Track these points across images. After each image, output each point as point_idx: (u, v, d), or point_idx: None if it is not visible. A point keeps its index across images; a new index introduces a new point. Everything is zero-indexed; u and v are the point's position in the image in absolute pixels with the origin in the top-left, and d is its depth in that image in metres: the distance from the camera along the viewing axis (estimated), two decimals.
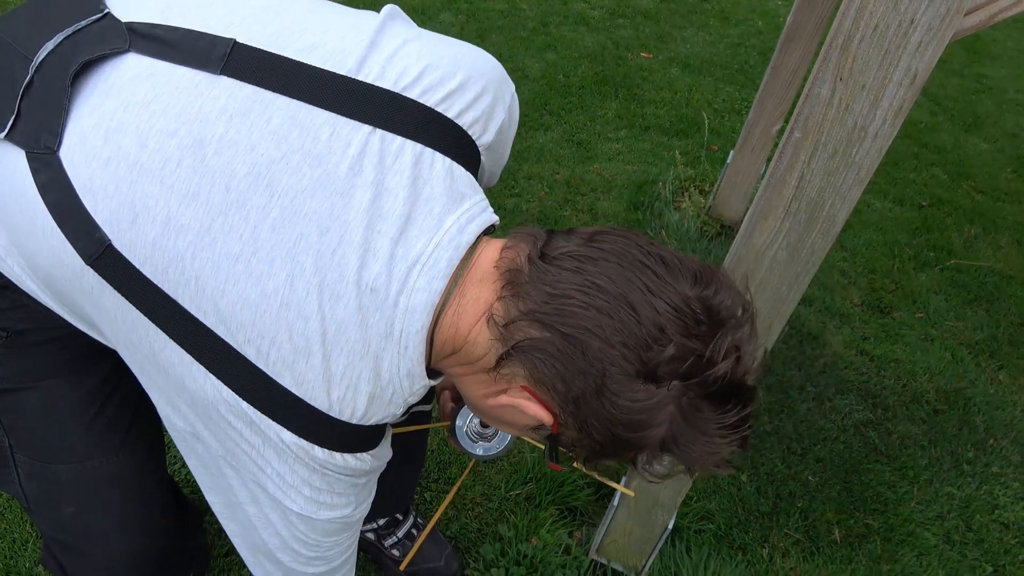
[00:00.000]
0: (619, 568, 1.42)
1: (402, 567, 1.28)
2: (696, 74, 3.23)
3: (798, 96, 2.56)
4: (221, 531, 1.45)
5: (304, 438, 0.61)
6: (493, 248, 0.65)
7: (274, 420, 0.60)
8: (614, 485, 1.01)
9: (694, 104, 3.01)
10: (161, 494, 0.96)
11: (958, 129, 3.25)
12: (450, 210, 0.63)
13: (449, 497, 1.11)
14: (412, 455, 1.28)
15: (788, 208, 0.77)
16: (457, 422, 0.93)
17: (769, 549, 1.54)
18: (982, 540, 1.63)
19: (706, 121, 2.84)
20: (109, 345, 0.71)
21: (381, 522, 1.38)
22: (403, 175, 0.61)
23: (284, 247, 0.58)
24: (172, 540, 1.00)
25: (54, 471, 0.84)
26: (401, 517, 1.39)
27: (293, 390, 0.59)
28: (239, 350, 0.58)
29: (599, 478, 1.04)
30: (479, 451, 0.93)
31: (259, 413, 0.60)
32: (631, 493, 0.91)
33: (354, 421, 0.62)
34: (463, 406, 0.93)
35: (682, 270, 0.59)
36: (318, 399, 0.60)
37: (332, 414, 0.61)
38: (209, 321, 0.58)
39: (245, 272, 0.57)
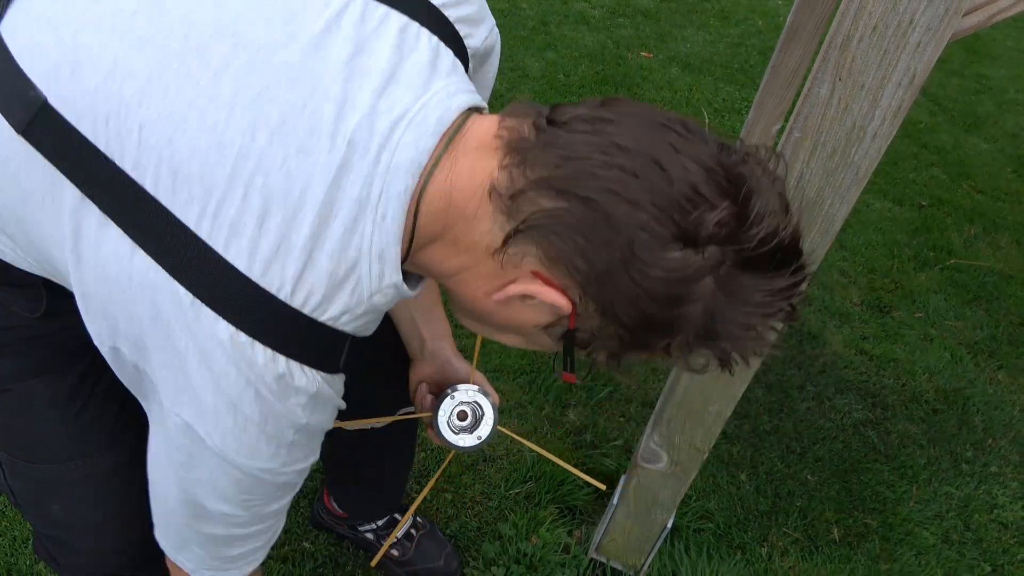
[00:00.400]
0: (618, 567, 1.42)
1: (373, 563, 1.24)
2: (696, 73, 3.23)
3: (798, 96, 2.56)
4: None
5: (243, 330, 0.51)
6: (489, 120, 0.57)
7: (210, 307, 0.51)
8: (585, 478, 0.99)
9: (694, 103, 3.01)
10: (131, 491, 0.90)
11: (958, 129, 3.25)
12: (437, 77, 0.56)
13: (429, 485, 1.09)
14: (399, 451, 1.27)
15: None
16: (438, 415, 0.92)
17: (768, 548, 1.54)
18: (980, 540, 1.63)
19: (706, 120, 2.84)
20: (44, 267, 0.62)
21: (380, 523, 1.39)
22: (387, 40, 0.55)
23: (247, 95, 0.51)
24: None
25: (38, 470, 0.80)
26: (400, 517, 1.40)
27: (239, 265, 0.51)
28: (179, 216, 0.50)
29: (575, 472, 1.00)
30: (461, 443, 0.92)
31: (193, 298, 0.51)
32: (602, 486, 0.92)
33: (307, 310, 0.53)
34: (443, 398, 0.92)
35: (706, 135, 0.53)
36: (270, 277, 0.51)
37: (282, 297, 0.52)
38: (149, 180, 0.50)
39: (199, 118, 0.50)
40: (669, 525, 1.28)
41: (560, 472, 1.56)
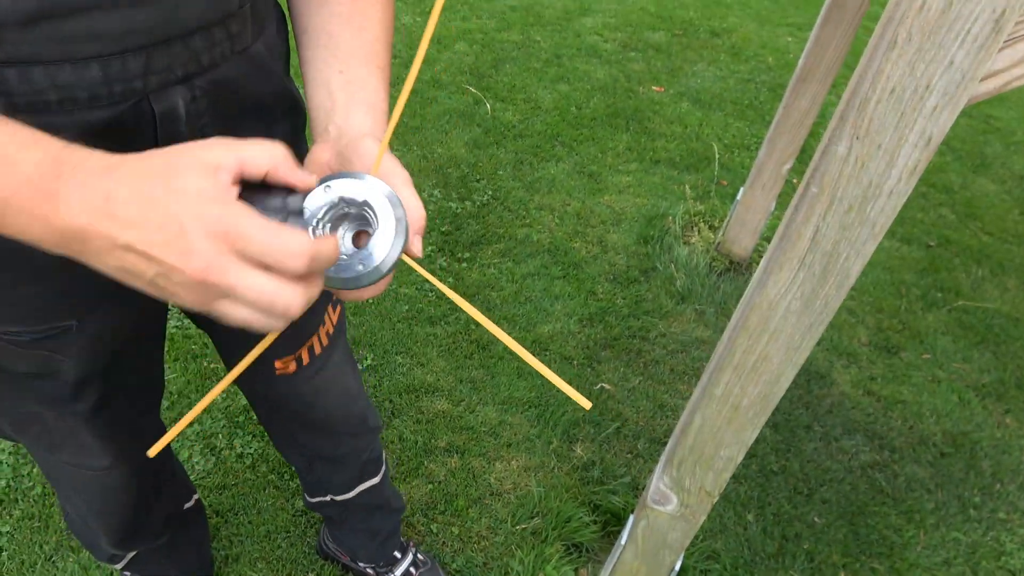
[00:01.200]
0: None
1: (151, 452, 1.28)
2: (706, 109, 3.27)
3: (810, 136, 2.57)
4: (218, 535, 1.45)
5: None
6: None
7: None
8: (570, 392, 0.92)
9: (704, 138, 3.04)
10: (148, 496, 1.04)
11: (966, 170, 3.27)
12: None
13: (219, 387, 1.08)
14: (389, 503, 1.30)
15: (803, 260, 0.78)
16: (296, 215, 0.52)
17: None
18: None
19: (717, 156, 2.86)
20: None
21: (380, 563, 1.39)
22: None
23: None
24: (154, 525, 1.10)
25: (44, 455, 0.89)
26: (400, 555, 1.39)
27: None
28: None
29: (563, 386, 0.90)
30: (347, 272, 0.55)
31: None
32: (588, 404, 0.79)
33: None
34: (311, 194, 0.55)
35: None
36: None
37: None
38: None
39: None
40: (677, 567, 1.28)
41: (568, 509, 1.56)
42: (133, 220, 0.44)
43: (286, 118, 0.78)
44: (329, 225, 0.56)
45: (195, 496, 1.25)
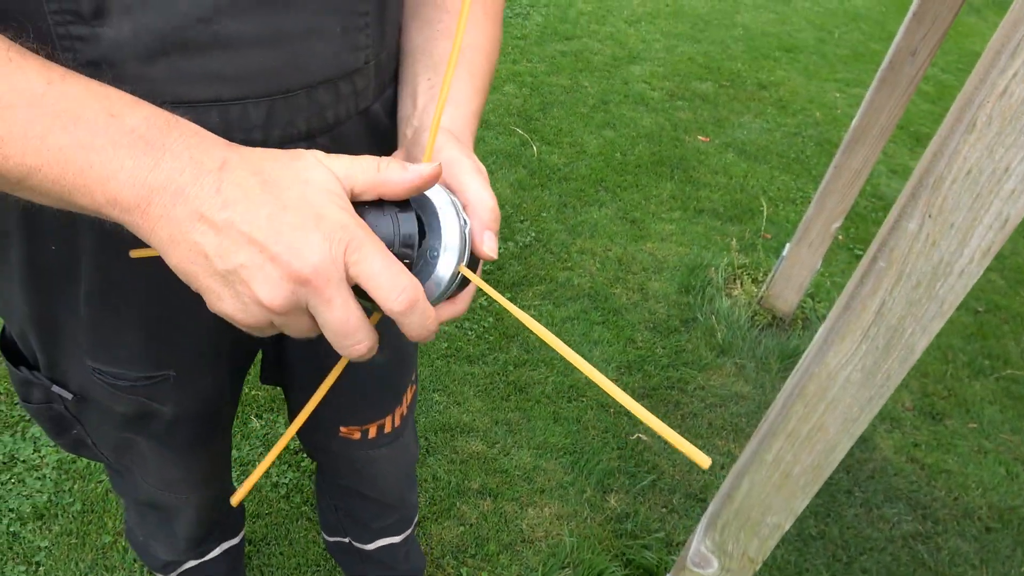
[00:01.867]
0: None
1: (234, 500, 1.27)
2: (752, 160, 3.27)
3: (860, 195, 2.53)
4: (249, 564, 1.45)
5: None
6: None
7: None
8: (687, 448, 0.83)
9: (749, 190, 3.03)
10: (214, 522, 1.08)
11: (1016, 235, 3.21)
12: None
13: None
14: (407, 558, 1.29)
15: (866, 333, 0.78)
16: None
17: None
18: None
19: (765, 210, 2.85)
20: None
21: None
22: None
23: None
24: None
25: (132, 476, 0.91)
26: None
27: None
28: None
29: (675, 442, 0.82)
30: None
31: None
32: (706, 462, 0.59)
33: None
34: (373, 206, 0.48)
35: None
36: None
37: None
38: None
39: None
40: None
41: (600, 561, 1.54)
42: (243, 198, 0.40)
43: None
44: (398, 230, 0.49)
45: (243, 532, 1.27)
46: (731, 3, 5.10)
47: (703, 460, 0.39)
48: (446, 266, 0.47)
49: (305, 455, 1.69)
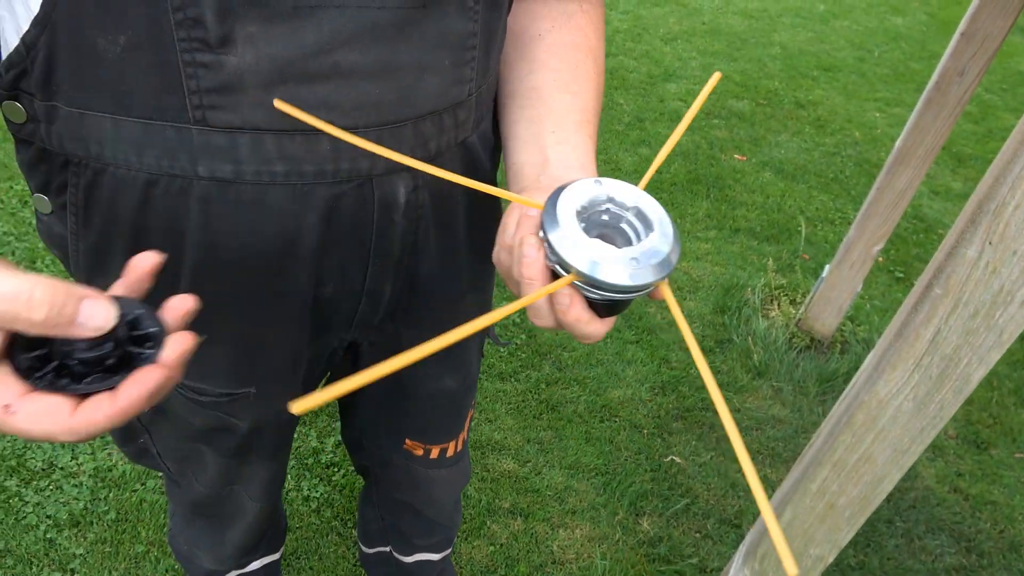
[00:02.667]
0: None
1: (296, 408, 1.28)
2: (789, 180, 3.22)
3: (901, 217, 2.49)
4: None
5: None
6: None
7: None
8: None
9: (786, 210, 2.99)
10: (264, 533, 1.10)
11: None
12: None
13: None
14: None
15: (919, 362, 0.75)
16: (556, 215, 0.46)
17: None
18: None
19: (803, 230, 2.81)
20: None
21: None
22: None
23: None
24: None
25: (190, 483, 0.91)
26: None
27: None
28: None
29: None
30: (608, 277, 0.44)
31: None
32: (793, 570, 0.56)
33: None
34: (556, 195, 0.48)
35: None
36: None
37: None
38: None
39: None
40: None
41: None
42: None
43: (493, 219, 0.72)
44: (583, 225, 0.46)
45: (283, 548, 1.28)
46: (768, 22, 5.06)
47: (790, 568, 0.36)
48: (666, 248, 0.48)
49: (339, 470, 1.69)
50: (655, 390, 2.05)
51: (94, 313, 0.37)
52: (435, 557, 1.25)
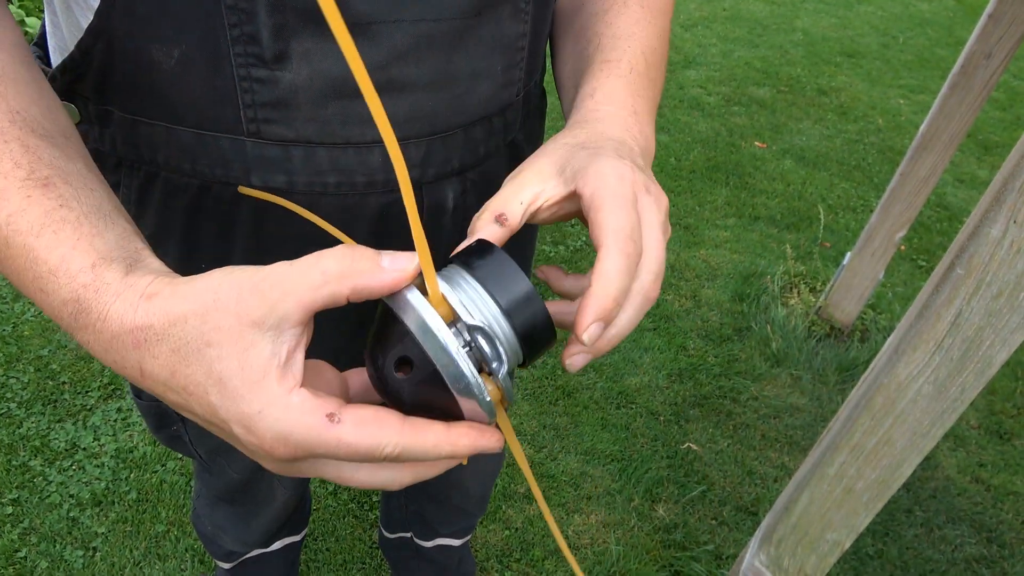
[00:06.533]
0: None
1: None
2: (811, 167, 3.19)
3: (925, 205, 2.45)
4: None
5: None
6: None
7: None
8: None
9: (807, 198, 2.95)
10: (295, 509, 1.12)
11: None
12: None
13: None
14: (459, 565, 1.32)
15: (940, 343, 0.74)
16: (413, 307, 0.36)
17: None
18: None
19: (823, 218, 2.78)
20: None
21: None
22: None
23: None
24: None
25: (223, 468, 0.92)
26: None
27: None
28: None
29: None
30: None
31: None
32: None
33: None
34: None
35: None
36: None
37: None
38: None
39: None
40: None
41: (646, 571, 1.51)
42: (181, 405, 0.36)
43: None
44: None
45: (305, 530, 1.29)
46: (790, 7, 4.99)
47: None
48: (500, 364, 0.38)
49: None
50: (672, 377, 2.04)
51: (394, 256, 0.35)
52: (456, 543, 1.25)
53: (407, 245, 0.36)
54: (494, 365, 0.37)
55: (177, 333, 0.34)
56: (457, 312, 0.36)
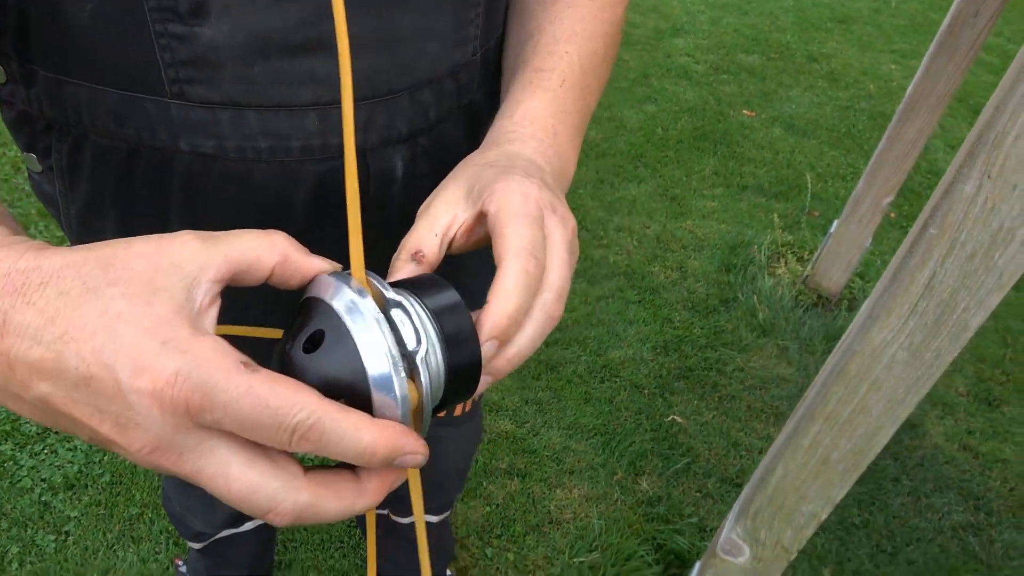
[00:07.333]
0: None
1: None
2: (800, 135, 3.14)
3: (915, 171, 2.41)
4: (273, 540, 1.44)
5: None
6: None
7: None
8: None
9: (796, 166, 2.91)
10: None
11: None
12: None
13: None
14: (438, 543, 1.28)
15: (915, 307, 0.71)
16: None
17: None
18: None
19: (809, 185, 2.74)
20: None
21: None
22: None
23: None
24: None
25: None
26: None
27: None
28: None
29: None
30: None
31: None
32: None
33: None
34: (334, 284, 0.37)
35: None
36: None
37: None
38: None
39: None
40: None
41: (629, 545, 1.49)
42: (45, 366, 0.28)
43: None
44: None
45: None
46: None
47: None
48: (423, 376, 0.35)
49: None
50: (657, 350, 2.01)
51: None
52: (434, 519, 1.23)
53: (346, 219, 0.35)
54: (413, 346, 0.34)
55: (71, 275, 0.29)
56: (384, 295, 0.34)
